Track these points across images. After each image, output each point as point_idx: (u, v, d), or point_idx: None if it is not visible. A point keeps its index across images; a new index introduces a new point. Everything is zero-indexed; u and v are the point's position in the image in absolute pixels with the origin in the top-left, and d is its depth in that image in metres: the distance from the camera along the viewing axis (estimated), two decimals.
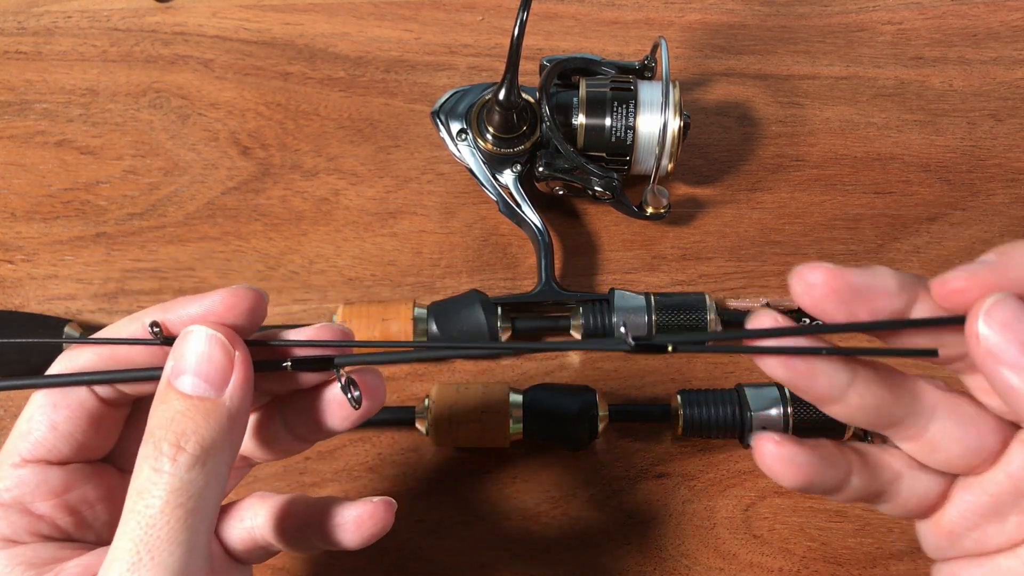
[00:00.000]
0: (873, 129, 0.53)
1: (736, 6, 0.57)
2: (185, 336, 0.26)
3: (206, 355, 0.26)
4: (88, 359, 0.28)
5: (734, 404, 0.42)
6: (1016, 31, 0.56)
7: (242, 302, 0.27)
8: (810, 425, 0.41)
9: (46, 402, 0.28)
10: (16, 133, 0.51)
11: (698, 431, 0.42)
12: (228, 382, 0.26)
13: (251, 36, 0.55)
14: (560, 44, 0.55)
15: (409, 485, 0.43)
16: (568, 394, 0.42)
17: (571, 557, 0.41)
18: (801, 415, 0.41)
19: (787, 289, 0.49)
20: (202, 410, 0.25)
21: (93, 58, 0.54)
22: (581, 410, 0.41)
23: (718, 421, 0.42)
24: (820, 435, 0.42)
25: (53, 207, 0.49)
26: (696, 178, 0.51)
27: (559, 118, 0.45)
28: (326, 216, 0.49)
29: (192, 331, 0.26)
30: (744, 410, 0.41)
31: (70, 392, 0.28)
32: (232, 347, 0.26)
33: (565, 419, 0.41)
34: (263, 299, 0.28)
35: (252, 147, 0.51)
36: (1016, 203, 0.50)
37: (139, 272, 0.47)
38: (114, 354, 0.28)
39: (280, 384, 0.29)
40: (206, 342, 0.26)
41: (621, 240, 0.49)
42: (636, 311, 0.43)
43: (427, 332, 0.43)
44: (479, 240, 0.49)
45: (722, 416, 0.42)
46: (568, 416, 0.41)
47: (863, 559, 0.41)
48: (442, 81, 0.53)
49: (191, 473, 0.25)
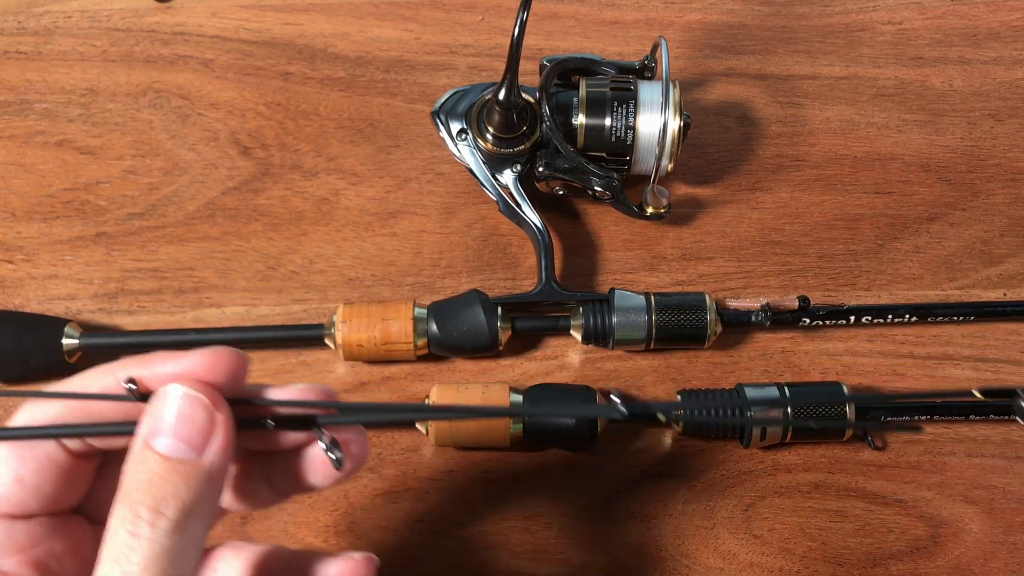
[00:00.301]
0: (873, 129, 0.53)
1: (736, 6, 0.57)
2: (163, 395, 0.25)
3: (187, 415, 0.25)
4: (57, 410, 0.27)
5: (734, 404, 0.42)
6: (1016, 31, 0.56)
7: (223, 364, 0.26)
8: (811, 428, 0.42)
9: (11, 454, 0.26)
10: (16, 133, 0.51)
11: (699, 432, 0.42)
12: (208, 443, 0.25)
13: (251, 36, 0.55)
14: (560, 44, 0.55)
15: (409, 485, 0.43)
16: (568, 395, 0.42)
17: (571, 557, 0.41)
18: (801, 414, 0.42)
19: (787, 289, 0.49)
20: (181, 472, 0.24)
21: (93, 58, 0.54)
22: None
23: (718, 421, 0.42)
24: (821, 438, 0.42)
25: (53, 207, 0.49)
26: (696, 178, 0.51)
27: (559, 118, 0.45)
28: (326, 216, 0.49)
29: (170, 390, 0.25)
30: (744, 410, 0.42)
31: (37, 444, 0.27)
32: (214, 408, 0.25)
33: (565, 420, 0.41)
34: (245, 362, 0.27)
35: (252, 147, 0.51)
36: (1016, 203, 0.50)
37: (139, 272, 0.47)
38: (84, 406, 0.27)
39: (260, 442, 0.28)
40: (186, 402, 0.25)
41: (621, 240, 0.49)
42: (636, 311, 0.43)
43: (427, 332, 0.43)
44: (479, 240, 0.49)
45: (722, 416, 0.42)
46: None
47: (863, 559, 0.41)
48: (442, 81, 0.53)
49: (171, 539, 0.24)
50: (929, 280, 0.48)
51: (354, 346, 0.43)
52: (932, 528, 0.42)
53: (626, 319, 0.43)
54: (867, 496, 0.43)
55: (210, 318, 0.46)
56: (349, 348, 0.43)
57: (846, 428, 0.42)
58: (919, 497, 0.43)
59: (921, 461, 0.43)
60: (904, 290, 0.48)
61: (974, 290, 0.48)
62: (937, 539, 0.42)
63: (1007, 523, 0.42)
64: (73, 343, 0.43)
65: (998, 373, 0.46)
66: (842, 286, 0.48)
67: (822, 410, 0.42)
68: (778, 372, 0.45)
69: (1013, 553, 0.41)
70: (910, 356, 0.46)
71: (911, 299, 0.47)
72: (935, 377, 0.45)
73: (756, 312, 0.45)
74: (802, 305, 0.45)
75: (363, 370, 0.45)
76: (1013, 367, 0.46)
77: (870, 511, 0.42)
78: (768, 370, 0.45)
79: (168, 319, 0.46)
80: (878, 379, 0.45)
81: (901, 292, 0.48)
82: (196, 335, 0.44)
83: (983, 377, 0.45)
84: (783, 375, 0.45)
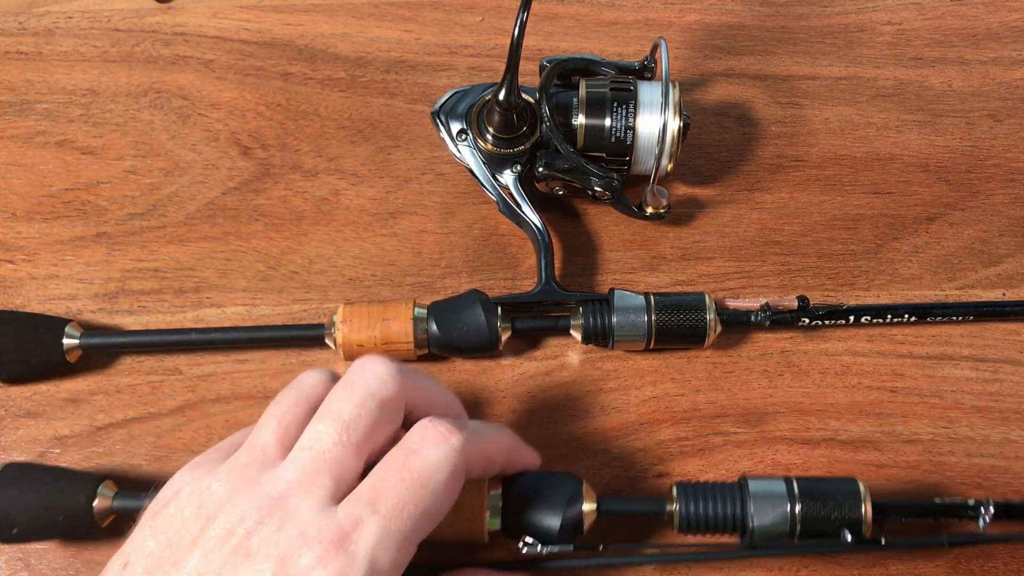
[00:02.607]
0: (872, 129, 0.53)
1: (736, 6, 0.57)
2: None
3: None
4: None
5: (735, 499, 0.37)
6: (1015, 31, 0.56)
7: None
8: (819, 524, 0.36)
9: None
10: (17, 133, 0.51)
11: (696, 528, 0.37)
12: None
13: (251, 36, 0.55)
14: (560, 44, 0.55)
15: None
16: (552, 483, 0.37)
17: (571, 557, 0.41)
18: (810, 513, 0.36)
19: (787, 289, 0.49)
20: None
21: (94, 58, 0.54)
22: (567, 503, 0.37)
23: (717, 517, 0.37)
24: (826, 536, 0.37)
25: (54, 207, 0.49)
26: (696, 178, 0.51)
27: (559, 118, 0.46)
28: (326, 216, 0.49)
29: None
30: (746, 506, 0.37)
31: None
32: None
33: (549, 509, 0.37)
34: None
35: (252, 147, 0.51)
36: (1015, 203, 0.50)
37: (140, 272, 0.48)
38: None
39: None
40: None
41: (621, 240, 0.49)
42: (636, 311, 0.43)
43: (427, 331, 0.43)
44: (479, 240, 0.49)
45: (721, 513, 0.37)
46: (552, 507, 0.37)
47: (863, 559, 0.41)
48: (442, 81, 0.54)
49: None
50: (928, 280, 0.48)
51: (354, 346, 0.43)
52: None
53: (626, 319, 0.43)
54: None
55: (211, 318, 0.47)
56: (349, 348, 0.43)
57: (860, 548, 0.37)
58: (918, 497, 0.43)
59: (920, 461, 0.43)
60: (903, 290, 0.48)
61: (973, 290, 0.48)
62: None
63: (1006, 523, 0.42)
64: (74, 343, 0.43)
65: (997, 373, 0.46)
66: (841, 286, 0.48)
67: (834, 511, 0.36)
68: (777, 372, 0.45)
69: (1013, 553, 0.41)
70: (909, 356, 0.46)
71: (910, 299, 0.48)
72: (934, 377, 0.45)
73: (756, 312, 0.45)
74: (801, 305, 0.45)
75: None
76: (1012, 367, 0.46)
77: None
78: (768, 370, 0.45)
79: (169, 319, 0.46)
80: (877, 379, 0.45)
81: (900, 292, 0.48)
82: (197, 335, 0.45)
83: (982, 377, 0.45)
84: (783, 375, 0.45)
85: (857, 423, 0.44)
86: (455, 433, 0.32)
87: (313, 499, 0.30)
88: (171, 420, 0.44)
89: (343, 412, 0.32)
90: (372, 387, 0.33)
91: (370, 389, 0.32)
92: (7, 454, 0.43)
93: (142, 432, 0.44)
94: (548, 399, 0.45)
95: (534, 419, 0.44)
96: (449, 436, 0.32)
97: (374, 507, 0.30)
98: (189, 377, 0.45)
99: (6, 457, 0.43)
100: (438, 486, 0.31)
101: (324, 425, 0.32)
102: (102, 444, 0.43)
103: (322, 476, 0.31)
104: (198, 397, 0.44)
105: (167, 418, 0.44)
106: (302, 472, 0.31)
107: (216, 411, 0.44)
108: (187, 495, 0.31)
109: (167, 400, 0.44)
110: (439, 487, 0.31)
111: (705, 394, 0.45)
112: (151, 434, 0.44)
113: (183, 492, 0.32)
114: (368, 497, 0.30)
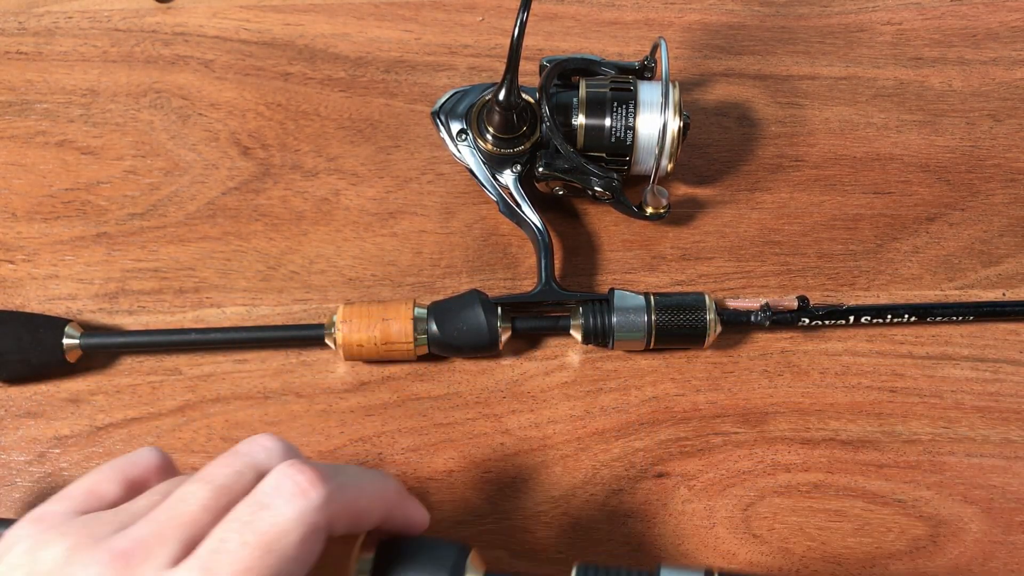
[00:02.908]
0: (872, 129, 0.53)
1: (736, 6, 0.57)
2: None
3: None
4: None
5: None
6: (1015, 31, 0.56)
7: None
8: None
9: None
10: (17, 133, 0.51)
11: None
12: None
13: (251, 36, 0.55)
14: (560, 44, 0.55)
15: (409, 484, 0.43)
16: (434, 552, 0.32)
17: (571, 557, 0.41)
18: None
19: (787, 289, 0.49)
20: None
21: (94, 58, 0.54)
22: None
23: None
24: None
25: (54, 207, 0.49)
26: (696, 178, 0.51)
27: (559, 118, 0.46)
28: (326, 216, 0.49)
29: None
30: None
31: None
32: None
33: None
34: None
35: (252, 147, 0.51)
36: (1015, 203, 0.50)
37: (140, 272, 0.48)
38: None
39: None
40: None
41: (621, 240, 0.49)
42: (636, 311, 0.43)
43: (427, 332, 0.43)
44: (479, 240, 0.49)
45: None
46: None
47: (862, 559, 0.41)
48: (442, 81, 0.54)
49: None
50: (928, 280, 0.48)
51: (354, 346, 0.43)
52: (931, 528, 0.42)
53: (626, 319, 0.43)
54: (866, 496, 0.43)
55: (211, 318, 0.47)
56: (349, 348, 0.43)
57: None
58: (918, 497, 0.43)
59: (920, 461, 0.43)
60: (903, 290, 0.48)
61: (973, 290, 0.48)
62: (936, 539, 0.42)
63: (1006, 523, 0.42)
64: (74, 343, 0.43)
65: (997, 373, 0.46)
66: (841, 286, 0.48)
67: None
68: (777, 372, 0.45)
69: (1012, 553, 0.41)
70: (909, 356, 0.46)
71: (910, 299, 0.48)
72: (934, 377, 0.45)
73: (756, 312, 0.45)
74: (801, 305, 0.45)
75: (363, 370, 0.45)
76: (1012, 367, 0.46)
77: (869, 511, 0.42)
78: (768, 370, 0.45)
79: (169, 319, 0.46)
80: (877, 379, 0.45)
81: (900, 292, 0.48)
82: (197, 335, 0.45)
83: (982, 377, 0.45)
84: (783, 375, 0.45)
85: (857, 423, 0.44)
86: (316, 486, 0.28)
87: (156, 559, 0.27)
88: (171, 420, 0.44)
89: (217, 477, 0.29)
90: (258, 459, 0.30)
91: (255, 460, 0.30)
92: (7, 454, 0.43)
93: (142, 432, 0.44)
94: (548, 399, 0.45)
95: (534, 419, 0.44)
96: (309, 489, 0.28)
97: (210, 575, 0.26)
98: (189, 377, 0.45)
99: (6, 457, 0.43)
100: (287, 550, 0.27)
101: (195, 487, 0.28)
102: (102, 444, 0.43)
103: (172, 537, 0.27)
104: (198, 397, 0.45)
105: (167, 418, 0.44)
106: (151, 531, 0.27)
107: (216, 411, 0.44)
108: (19, 553, 0.28)
109: (167, 400, 0.44)
110: (288, 551, 0.27)
111: (705, 394, 0.45)
112: (151, 434, 0.44)
113: (16, 549, 0.28)
114: (204, 563, 0.26)
